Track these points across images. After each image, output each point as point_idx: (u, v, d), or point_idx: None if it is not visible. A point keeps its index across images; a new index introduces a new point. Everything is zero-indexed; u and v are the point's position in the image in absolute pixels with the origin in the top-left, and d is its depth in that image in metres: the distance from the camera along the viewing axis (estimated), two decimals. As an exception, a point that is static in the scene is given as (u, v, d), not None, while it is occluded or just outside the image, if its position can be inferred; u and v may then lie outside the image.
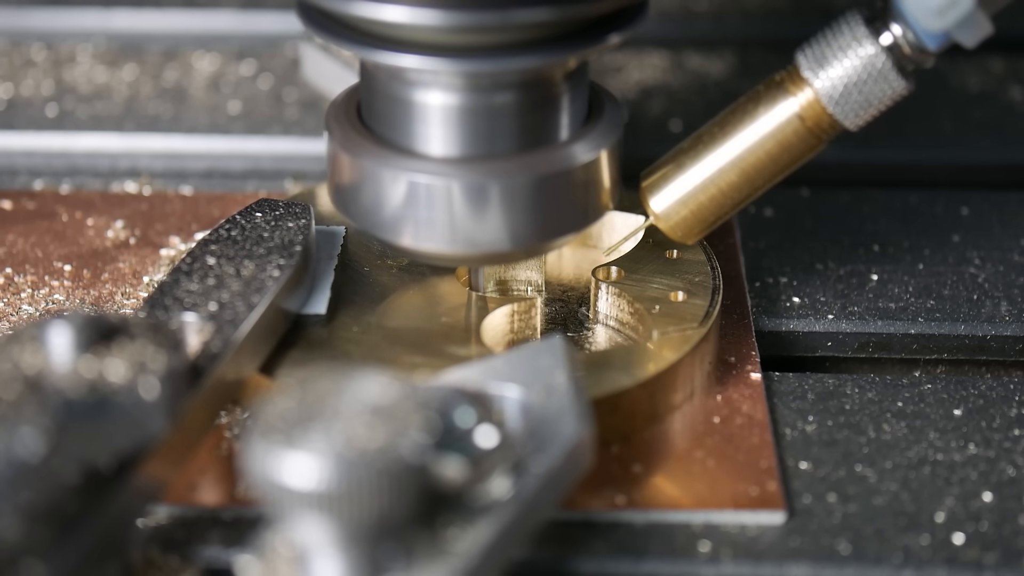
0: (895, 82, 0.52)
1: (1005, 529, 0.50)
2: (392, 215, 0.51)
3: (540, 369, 0.48)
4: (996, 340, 0.59)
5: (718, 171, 0.55)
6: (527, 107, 0.51)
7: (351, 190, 0.52)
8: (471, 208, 0.51)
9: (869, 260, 0.63)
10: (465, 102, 0.50)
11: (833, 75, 0.52)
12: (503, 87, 0.50)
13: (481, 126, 0.50)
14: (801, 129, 0.53)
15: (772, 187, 0.55)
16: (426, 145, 0.51)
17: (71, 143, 0.72)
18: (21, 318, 0.58)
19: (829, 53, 0.52)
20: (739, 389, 0.55)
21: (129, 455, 0.45)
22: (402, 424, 0.41)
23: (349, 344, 0.54)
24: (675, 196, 0.55)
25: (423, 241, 0.52)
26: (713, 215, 0.55)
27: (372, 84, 0.52)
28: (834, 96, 0.52)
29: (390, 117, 0.52)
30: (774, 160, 0.54)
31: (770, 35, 0.82)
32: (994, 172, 0.72)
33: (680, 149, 0.56)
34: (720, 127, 0.55)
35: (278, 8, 0.84)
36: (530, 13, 0.47)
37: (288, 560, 0.43)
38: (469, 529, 0.43)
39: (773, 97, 0.54)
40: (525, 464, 0.45)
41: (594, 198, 0.53)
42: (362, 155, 0.52)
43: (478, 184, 0.50)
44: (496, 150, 0.51)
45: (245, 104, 0.75)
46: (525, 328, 0.57)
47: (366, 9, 0.48)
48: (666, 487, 0.51)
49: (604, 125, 0.53)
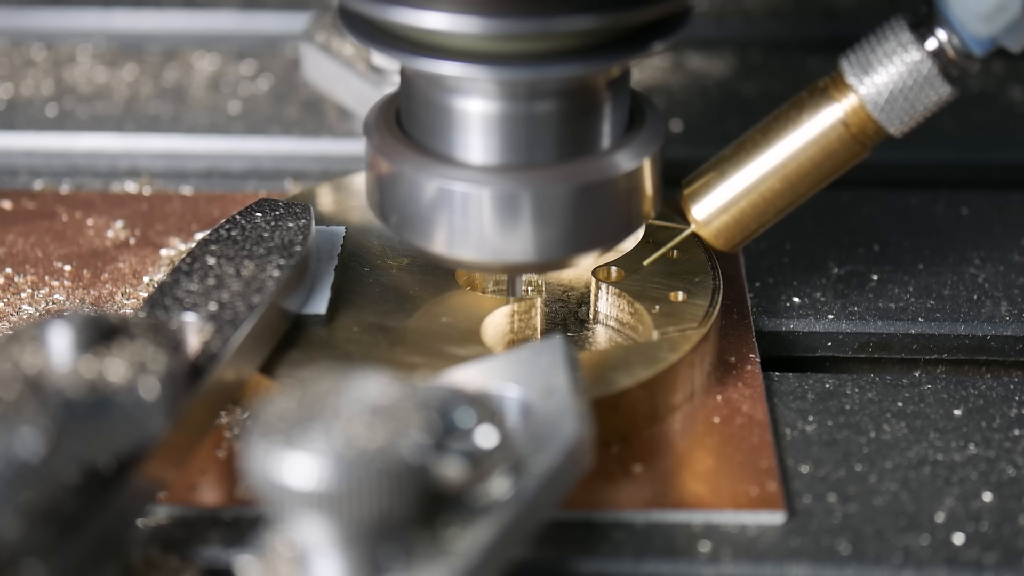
0: (941, 88, 0.52)
1: (1005, 529, 0.50)
2: (432, 222, 0.51)
3: (540, 369, 0.48)
4: (996, 340, 0.59)
5: (760, 178, 0.55)
6: (570, 115, 0.50)
7: (388, 195, 0.52)
8: (508, 217, 0.50)
9: (869, 260, 0.63)
10: (506, 110, 0.50)
11: (878, 81, 0.52)
12: (545, 95, 0.50)
13: (523, 134, 0.50)
14: (845, 135, 0.53)
15: (814, 194, 0.55)
16: (465, 153, 0.50)
17: (71, 143, 0.72)
18: (21, 318, 0.58)
19: (874, 59, 0.52)
20: (739, 389, 0.55)
21: (129, 455, 0.45)
22: (402, 424, 0.41)
23: (349, 344, 0.54)
24: (717, 203, 0.55)
25: (460, 249, 0.51)
26: (755, 222, 0.55)
27: (411, 89, 0.52)
28: (879, 102, 0.52)
29: (429, 123, 0.51)
30: (817, 167, 0.54)
31: (771, 35, 0.82)
32: (994, 172, 0.72)
33: (722, 156, 0.55)
34: (763, 134, 0.55)
35: (278, 8, 0.84)
36: (574, 21, 0.47)
37: (288, 560, 0.43)
38: (469, 529, 0.43)
39: (817, 103, 0.54)
40: (525, 464, 0.45)
41: (636, 207, 0.52)
42: (399, 160, 0.51)
43: (516, 193, 0.50)
44: (537, 159, 0.50)
45: (245, 104, 0.75)
46: (525, 328, 0.57)
47: (409, 16, 0.47)
48: (666, 487, 0.51)
49: (646, 133, 0.52)
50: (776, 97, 0.75)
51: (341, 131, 0.73)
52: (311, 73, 0.75)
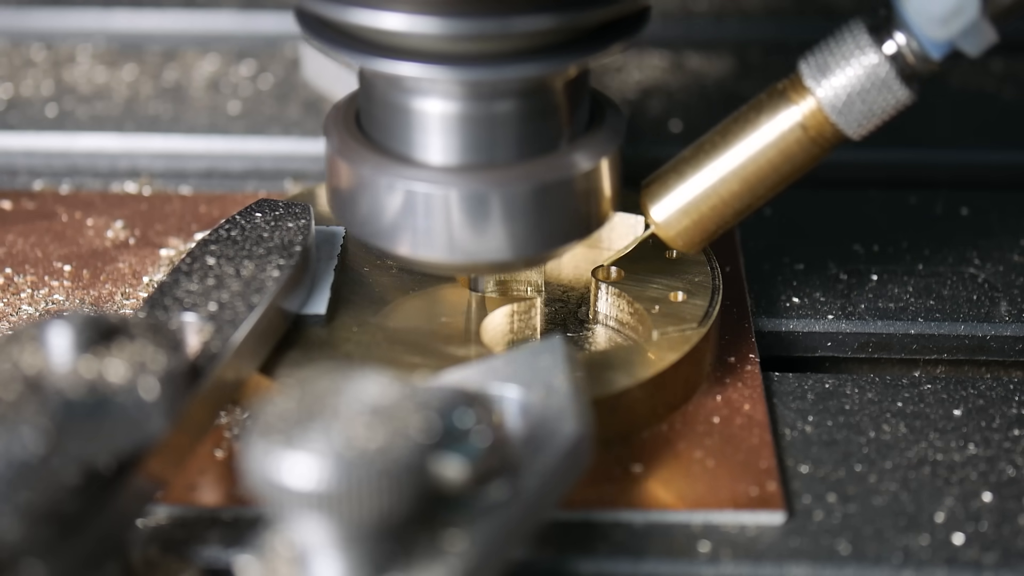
0: (898, 91, 0.52)
1: (1005, 529, 0.50)
2: (390, 224, 0.51)
3: (540, 369, 0.48)
4: (996, 340, 0.59)
5: (719, 180, 0.54)
6: (527, 115, 0.50)
7: (348, 198, 0.52)
8: (470, 217, 0.50)
9: (869, 260, 0.63)
10: (464, 110, 0.50)
11: (836, 84, 0.52)
12: (503, 95, 0.50)
13: (481, 134, 0.50)
14: (804, 138, 0.53)
15: (773, 196, 0.55)
16: (424, 153, 0.51)
17: (71, 143, 0.72)
18: (21, 318, 0.58)
19: (832, 61, 0.52)
20: (739, 389, 0.55)
21: (129, 455, 0.45)
22: (402, 424, 0.41)
23: (349, 344, 0.54)
24: (676, 205, 0.55)
25: (421, 250, 0.51)
26: (714, 224, 0.55)
27: (370, 91, 0.52)
28: (837, 105, 0.52)
29: (389, 124, 0.51)
30: (776, 169, 0.54)
31: (770, 36, 0.82)
32: (994, 172, 0.72)
33: (681, 158, 0.55)
34: (721, 136, 0.54)
35: (278, 8, 0.84)
36: (532, 21, 0.47)
37: (288, 560, 0.43)
38: (469, 529, 0.43)
39: (775, 106, 0.53)
40: (525, 464, 0.45)
41: (595, 206, 0.52)
42: (359, 162, 0.51)
43: (478, 193, 0.50)
44: (496, 158, 0.51)
45: (245, 104, 0.75)
46: (525, 328, 0.57)
47: (366, 17, 0.48)
48: (666, 487, 0.51)
49: (605, 133, 0.53)
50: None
51: (341, 131, 0.73)
52: (311, 73, 0.75)
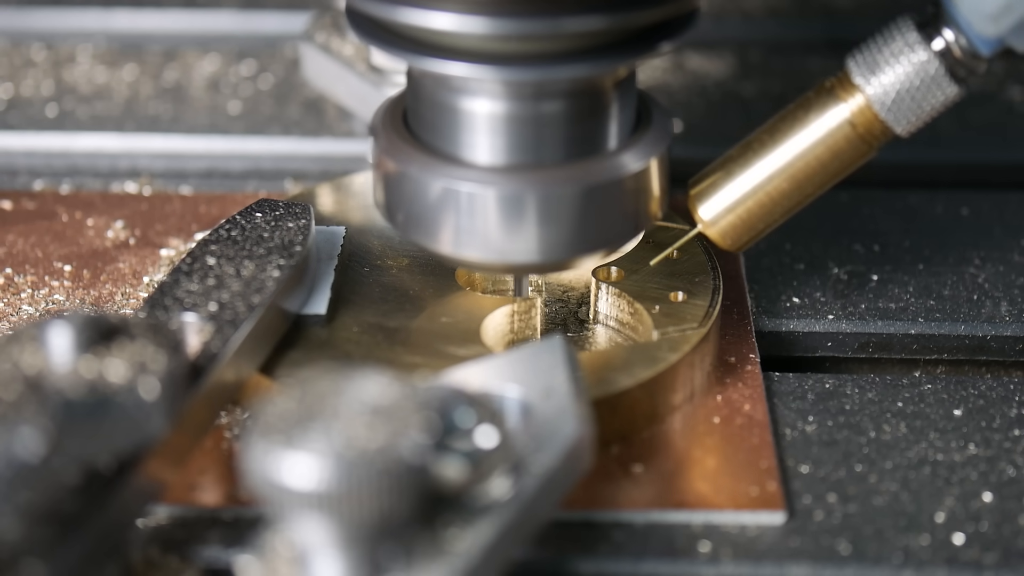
0: (948, 88, 0.52)
1: (1005, 529, 0.50)
2: (438, 223, 0.51)
3: (540, 369, 0.48)
4: (996, 340, 0.59)
5: (767, 178, 0.55)
6: (577, 115, 0.50)
7: (397, 197, 0.52)
8: (516, 218, 0.50)
9: (869, 260, 0.63)
10: (514, 110, 0.49)
11: (885, 81, 0.52)
12: (552, 95, 0.49)
13: (530, 134, 0.50)
14: (852, 135, 0.53)
15: (820, 195, 0.55)
16: (473, 153, 0.50)
17: (71, 143, 0.72)
18: (21, 318, 0.58)
19: (880, 59, 0.52)
20: (739, 389, 0.55)
21: (129, 455, 0.45)
22: (402, 424, 0.41)
23: (349, 344, 0.54)
24: (724, 203, 0.55)
25: (466, 249, 0.51)
26: (762, 222, 0.55)
27: (418, 90, 0.51)
28: (886, 102, 0.52)
29: (437, 124, 0.51)
30: (824, 166, 0.54)
31: (770, 36, 0.82)
32: (994, 172, 0.72)
33: (728, 156, 0.55)
34: (769, 134, 0.55)
35: (278, 8, 0.84)
36: (581, 21, 0.47)
37: (288, 560, 0.43)
38: (469, 529, 0.43)
39: (824, 103, 0.54)
40: (525, 464, 0.45)
41: (643, 207, 0.52)
42: (407, 162, 0.51)
43: (527, 193, 0.50)
44: (544, 159, 0.50)
45: (245, 104, 0.75)
46: (525, 328, 0.57)
47: (416, 16, 0.47)
48: (666, 487, 0.51)
49: (653, 134, 0.52)
50: (775, 97, 0.75)
51: (341, 131, 0.73)
52: (311, 73, 0.75)
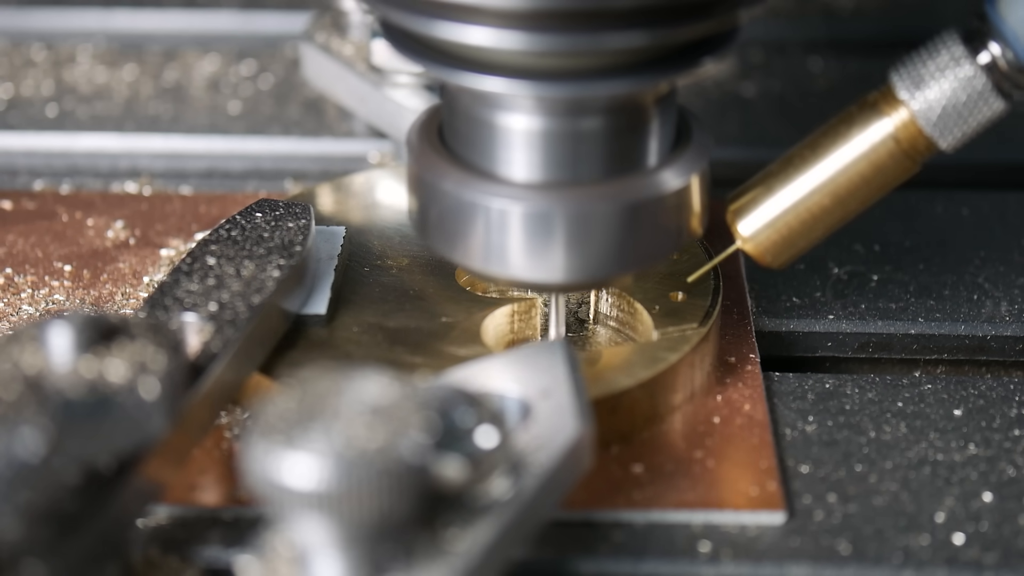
0: (994, 103, 0.51)
1: (1005, 529, 0.50)
2: (472, 239, 0.50)
3: (540, 369, 0.48)
4: (996, 340, 0.59)
5: (809, 193, 0.54)
6: (617, 132, 0.49)
7: (430, 212, 0.51)
8: (551, 236, 0.49)
9: (869, 260, 0.63)
10: (552, 126, 0.48)
11: (930, 96, 0.51)
12: (591, 112, 0.48)
13: (568, 151, 0.49)
14: (896, 151, 0.53)
15: (863, 211, 0.54)
16: (509, 169, 0.49)
17: (71, 143, 0.72)
18: (21, 318, 0.58)
19: (926, 73, 0.51)
20: (739, 389, 0.55)
21: (129, 455, 0.45)
22: (402, 424, 0.41)
23: (349, 344, 0.54)
24: (764, 219, 0.54)
25: (500, 266, 0.50)
26: (803, 239, 0.55)
27: (454, 105, 0.50)
28: (931, 118, 0.52)
29: (473, 139, 0.50)
30: (867, 182, 0.53)
31: (771, 36, 0.82)
32: (994, 172, 0.72)
33: (769, 172, 0.55)
34: (811, 149, 0.54)
35: (278, 8, 0.84)
36: (622, 38, 0.45)
37: (288, 560, 0.43)
38: (469, 529, 0.43)
39: (867, 118, 0.53)
40: (525, 464, 0.45)
41: (684, 223, 0.51)
42: (441, 177, 0.50)
43: (563, 211, 0.48)
44: (582, 176, 0.49)
45: (245, 104, 0.75)
46: (525, 328, 0.57)
47: (453, 31, 0.46)
48: (666, 487, 0.51)
49: (693, 150, 0.51)
50: (776, 97, 0.75)
51: (341, 131, 0.73)
52: (311, 73, 0.75)
